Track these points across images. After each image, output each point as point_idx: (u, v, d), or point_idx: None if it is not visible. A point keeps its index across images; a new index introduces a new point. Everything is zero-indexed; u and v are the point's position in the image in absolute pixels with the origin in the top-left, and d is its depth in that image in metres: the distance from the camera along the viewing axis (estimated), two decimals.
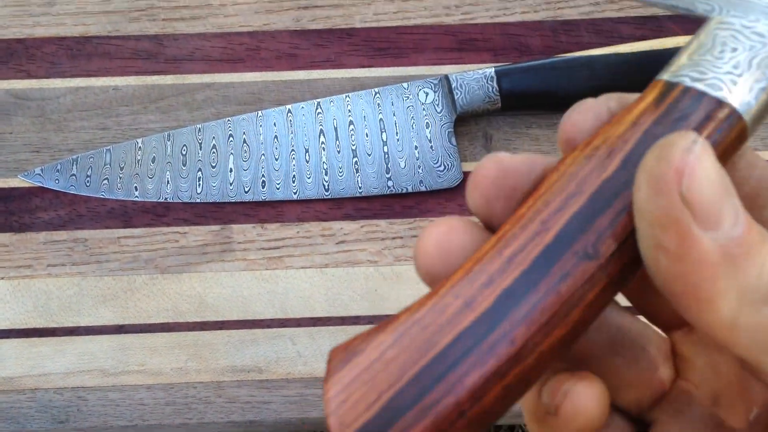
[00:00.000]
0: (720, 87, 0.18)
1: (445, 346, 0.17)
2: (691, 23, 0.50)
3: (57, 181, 0.47)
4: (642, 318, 0.23)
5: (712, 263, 0.16)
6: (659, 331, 0.22)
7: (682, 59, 0.19)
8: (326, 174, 0.47)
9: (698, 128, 0.18)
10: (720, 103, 0.18)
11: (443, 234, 0.19)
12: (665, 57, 0.50)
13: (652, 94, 0.19)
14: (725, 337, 0.16)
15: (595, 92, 0.52)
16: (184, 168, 0.47)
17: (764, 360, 0.16)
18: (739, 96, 0.18)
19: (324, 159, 0.48)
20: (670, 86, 0.18)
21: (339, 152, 0.48)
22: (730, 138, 0.18)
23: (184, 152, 0.48)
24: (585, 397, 0.19)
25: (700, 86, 0.18)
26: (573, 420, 0.19)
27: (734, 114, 0.18)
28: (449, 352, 0.17)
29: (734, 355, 0.17)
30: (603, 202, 0.17)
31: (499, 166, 0.19)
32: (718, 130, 0.18)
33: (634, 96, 0.20)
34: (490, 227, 0.19)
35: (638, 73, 0.47)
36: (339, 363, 0.17)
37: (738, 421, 0.20)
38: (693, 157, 0.16)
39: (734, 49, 0.18)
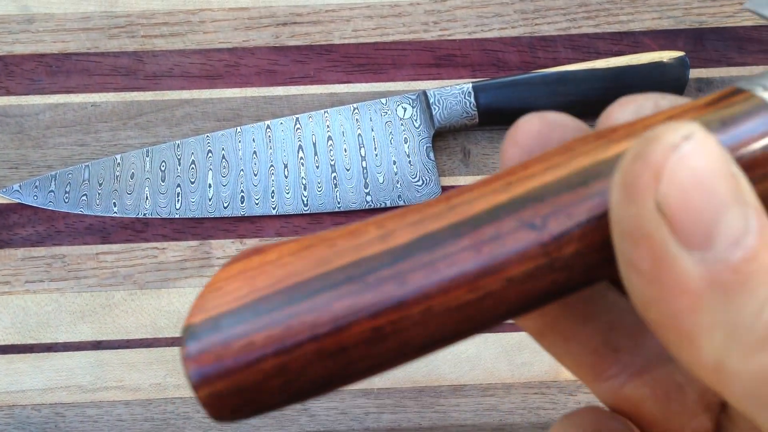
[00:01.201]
0: None
1: (336, 266, 0.15)
2: (665, 39, 0.50)
3: (35, 198, 0.47)
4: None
5: (693, 291, 0.13)
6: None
7: None
8: (305, 189, 0.48)
9: (742, 136, 0.15)
10: None
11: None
12: (641, 72, 0.51)
13: (713, 95, 0.16)
14: (711, 382, 0.13)
15: (571, 107, 0.53)
16: (162, 184, 0.48)
17: (759, 415, 0.13)
18: None
19: (303, 174, 0.48)
20: (736, 91, 0.16)
21: (318, 167, 0.48)
22: None
23: (163, 168, 0.48)
24: None
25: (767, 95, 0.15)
26: None
27: None
28: (337, 273, 0.15)
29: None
30: (582, 180, 0.15)
31: (543, 120, 0.17)
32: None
33: (688, 99, 0.17)
34: None
35: (615, 88, 0.48)
36: (241, 257, 0.16)
37: None
38: (678, 156, 0.13)
39: None
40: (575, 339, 0.19)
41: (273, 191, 0.48)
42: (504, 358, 0.46)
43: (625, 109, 0.17)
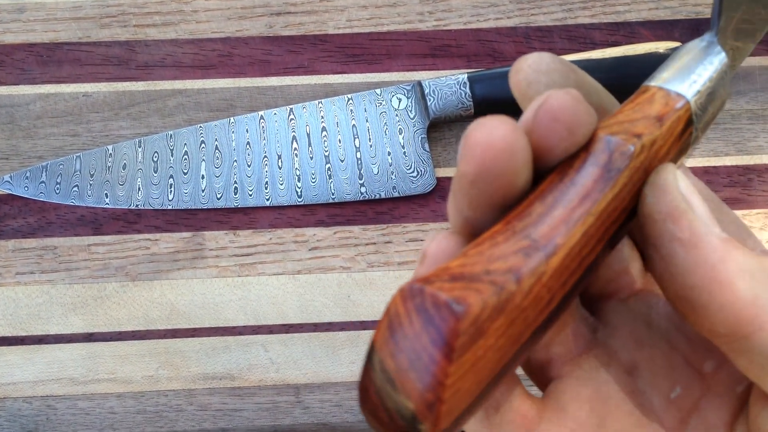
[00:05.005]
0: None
1: (528, 337, 0.18)
2: (661, 29, 0.50)
3: (26, 189, 0.47)
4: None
5: (721, 247, 0.17)
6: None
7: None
8: (299, 180, 0.47)
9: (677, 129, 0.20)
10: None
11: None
12: (637, 62, 0.50)
13: (662, 108, 0.20)
14: (749, 315, 0.17)
15: None
16: (155, 175, 0.47)
17: None
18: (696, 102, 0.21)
19: (297, 165, 0.47)
20: (677, 104, 0.20)
21: (312, 158, 0.47)
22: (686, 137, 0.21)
23: (155, 159, 0.47)
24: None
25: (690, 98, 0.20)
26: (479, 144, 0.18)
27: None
28: (530, 342, 0.18)
29: (749, 341, 0.17)
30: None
31: (541, 58, 0.21)
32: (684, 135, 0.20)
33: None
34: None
35: (611, 79, 0.47)
36: (467, 340, 0.16)
37: (657, 396, 0.21)
38: (681, 170, 0.19)
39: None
40: None
41: (267, 182, 0.47)
42: None
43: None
